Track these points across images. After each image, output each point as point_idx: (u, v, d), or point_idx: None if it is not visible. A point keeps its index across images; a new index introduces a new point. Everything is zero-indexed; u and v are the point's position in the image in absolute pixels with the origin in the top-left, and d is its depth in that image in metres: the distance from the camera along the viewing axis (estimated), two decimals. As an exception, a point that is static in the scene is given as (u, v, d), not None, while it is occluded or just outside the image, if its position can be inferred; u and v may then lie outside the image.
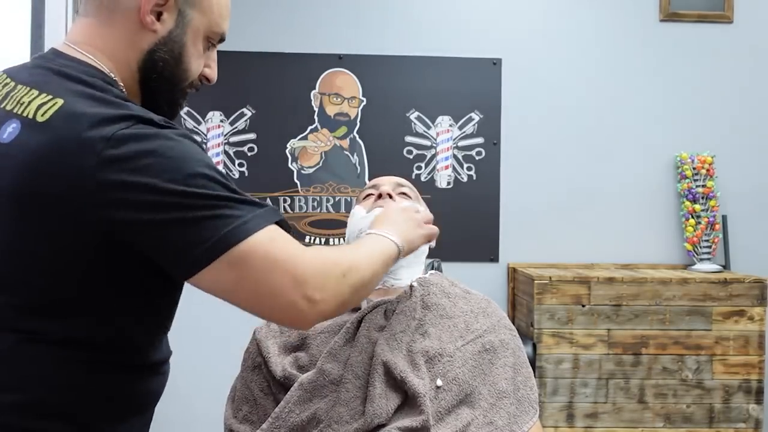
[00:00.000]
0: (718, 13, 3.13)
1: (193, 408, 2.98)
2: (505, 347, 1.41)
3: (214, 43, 1.17)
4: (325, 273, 1.04)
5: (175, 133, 1.00)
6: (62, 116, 0.97)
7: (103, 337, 1.01)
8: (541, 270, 2.90)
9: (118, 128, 0.95)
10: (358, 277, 1.10)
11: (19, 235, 0.97)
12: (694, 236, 3.01)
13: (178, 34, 1.09)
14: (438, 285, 1.50)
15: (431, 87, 3.10)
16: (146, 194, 0.94)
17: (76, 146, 0.94)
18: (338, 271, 1.07)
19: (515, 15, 3.13)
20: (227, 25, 1.17)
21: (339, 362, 1.35)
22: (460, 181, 3.11)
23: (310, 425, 1.30)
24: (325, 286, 1.03)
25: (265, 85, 3.08)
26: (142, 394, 1.10)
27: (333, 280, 1.05)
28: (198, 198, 0.96)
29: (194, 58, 1.13)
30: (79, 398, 1.01)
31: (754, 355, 2.70)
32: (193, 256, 0.96)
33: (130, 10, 1.06)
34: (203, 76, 1.19)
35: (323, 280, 1.03)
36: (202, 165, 0.98)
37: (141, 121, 0.98)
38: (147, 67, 1.09)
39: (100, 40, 1.07)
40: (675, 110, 3.14)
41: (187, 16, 1.09)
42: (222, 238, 0.95)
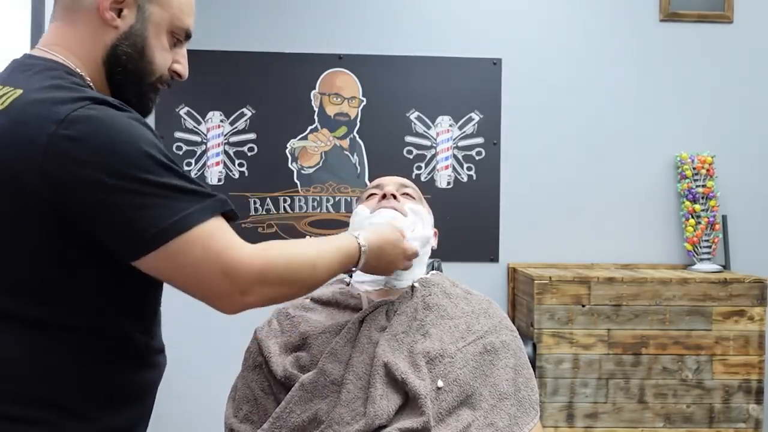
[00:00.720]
0: (718, 13, 3.13)
1: (193, 408, 2.98)
2: (506, 348, 1.41)
3: (180, 39, 1.21)
4: (261, 274, 1.08)
5: (127, 116, 1.04)
6: (20, 103, 1.02)
7: (78, 322, 1.05)
8: (541, 270, 2.90)
9: (70, 109, 0.99)
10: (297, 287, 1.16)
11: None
12: (694, 236, 3.01)
13: (138, 29, 1.14)
14: (439, 285, 1.50)
15: (431, 87, 3.10)
16: (95, 175, 0.98)
17: (29, 128, 0.99)
18: (277, 276, 1.11)
19: (515, 15, 3.13)
20: (191, 21, 1.22)
21: (340, 363, 1.35)
22: (460, 181, 3.11)
23: (311, 426, 1.29)
24: (259, 284, 1.08)
25: (265, 85, 3.08)
26: (130, 384, 1.13)
27: (269, 282, 1.09)
28: (145, 184, 1.00)
29: (158, 51, 1.17)
30: (63, 385, 1.04)
31: (754, 355, 2.70)
32: (135, 243, 1.01)
33: (91, 8, 1.12)
34: (173, 72, 1.22)
35: (256, 277, 1.07)
36: (152, 150, 1.02)
37: (95, 102, 1.02)
38: (111, 61, 1.14)
39: (67, 39, 1.13)
40: (675, 110, 3.14)
41: (146, 11, 1.14)
42: (164, 229, 1.00)
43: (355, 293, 1.49)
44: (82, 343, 1.05)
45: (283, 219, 3.06)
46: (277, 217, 3.06)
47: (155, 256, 1.01)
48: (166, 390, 1.20)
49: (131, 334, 1.12)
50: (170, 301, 1.27)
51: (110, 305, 1.08)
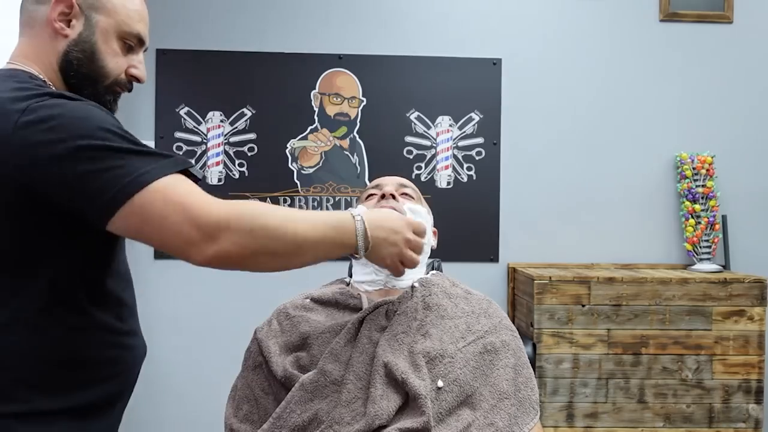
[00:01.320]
0: (718, 13, 3.13)
1: (193, 408, 2.98)
2: (506, 348, 1.41)
3: (132, 45, 1.31)
4: (225, 219, 1.11)
5: (85, 102, 1.17)
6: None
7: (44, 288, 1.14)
8: (541, 270, 2.90)
9: (32, 102, 1.12)
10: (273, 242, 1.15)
11: None
12: (694, 236, 3.02)
13: (87, 36, 1.26)
14: (439, 285, 1.50)
15: (431, 87, 3.10)
16: (56, 149, 1.08)
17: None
18: (243, 223, 1.12)
19: (515, 15, 3.13)
20: (141, 26, 1.31)
21: (340, 363, 1.35)
22: (460, 181, 3.11)
23: (311, 426, 1.29)
24: (224, 230, 1.11)
25: (265, 85, 3.08)
26: (96, 361, 1.20)
27: (233, 229, 1.11)
28: (102, 150, 1.10)
29: (109, 56, 1.28)
30: (25, 360, 1.13)
31: (753, 355, 2.70)
32: (101, 205, 1.10)
33: (44, 21, 1.25)
34: (131, 76, 1.32)
35: (218, 222, 1.11)
36: (107, 124, 1.13)
37: (53, 96, 1.14)
38: (65, 66, 1.26)
39: (28, 50, 1.27)
40: (675, 110, 3.14)
41: (92, 19, 1.26)
42: (125, 186, 1.09)
43: (355, 293, 1.49)
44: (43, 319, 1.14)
45: (283, 219, 3.06)
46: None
47: (121, 215, 1.09)
48: (167, 390, 1.21)
49: (92, 312, 1.20)
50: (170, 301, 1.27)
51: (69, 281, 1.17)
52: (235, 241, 1.11)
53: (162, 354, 2.90)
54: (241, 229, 1.12)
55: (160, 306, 2.95)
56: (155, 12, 2.93)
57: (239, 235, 1.12)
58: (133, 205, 1.09)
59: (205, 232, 1.10)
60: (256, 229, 1.13)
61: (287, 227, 1.16)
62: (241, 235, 1.12)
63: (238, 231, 1.12)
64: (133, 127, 3.01)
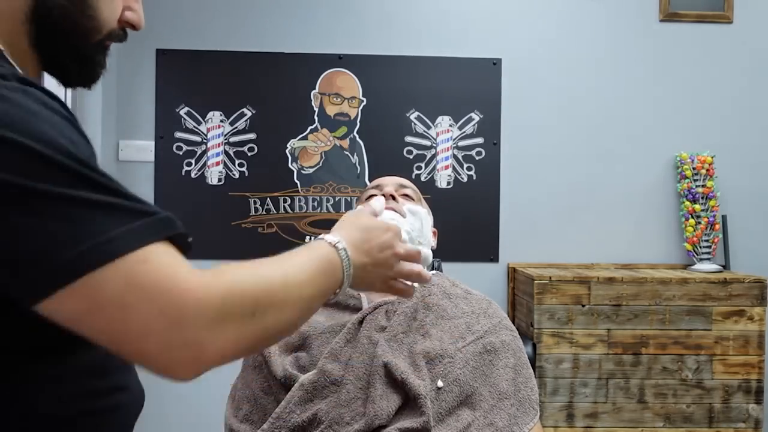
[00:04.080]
0: (718, 13, 3.13)
1: (193, 408, 2.98)
2: (506, 348, 1.41)
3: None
4: (220, 307, 0.75)
5: (33, 101, 0.73)
6: None
7: None
8: (541, 270, 2.90)
9: None
10: (277, 317, 0.82)
11: None
12: (694, 236, 3.01)
13: None
14: (439, 286, 1.50)
15: (431, 87, 3.10)
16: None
17: None
18: (244, 305, 0.78)
19: (515, 15, 3.13)
20: None
21: (340, 363, 1.35)
22: (460, 181, 3.11)
23: (311, 426, 1.30)
24: (218, 324, 0.75)
25: (265, 85, 3.08)
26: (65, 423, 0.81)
27: (234, 317, 0.76)
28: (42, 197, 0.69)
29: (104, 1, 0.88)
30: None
31: (753, 355, 2.70)
32: (33, 280, 0.69)
33: None
34: (126, 22, 0.92)
35: (215, 314, 0.74)
36: (57, 148, 0.70)
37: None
38: (39, 17, 0.84)
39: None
40: (675, 110, 3.14)
41: None
42: (72, 259, 0.69)
43: (355, 293, 1.49)
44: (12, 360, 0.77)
45: (283, 219, 3.06)
46: (277, 217, 3.06)
47: (61, 298, 0.69)
48: (167, 390, 1.20)
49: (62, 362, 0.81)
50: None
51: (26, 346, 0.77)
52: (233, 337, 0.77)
53: (162, 354, 2.89)
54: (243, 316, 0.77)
55: (160, 306, 2.95)
56: (155, 12, 2.94)
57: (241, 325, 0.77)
58: (82, 286, 0.69)
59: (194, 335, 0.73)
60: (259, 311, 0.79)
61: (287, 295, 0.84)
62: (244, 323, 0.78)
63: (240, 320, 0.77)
64: (134, 128, 3.01)
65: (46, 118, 0.73)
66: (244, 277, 0.80)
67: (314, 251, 0.92)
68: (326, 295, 0.93)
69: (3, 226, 0.68)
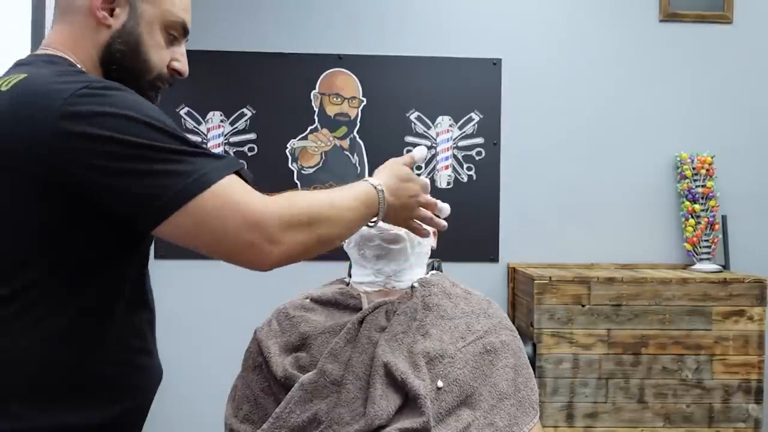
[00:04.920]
0: (718, 14, 3.13)
1: (193, 408, 2.98)
2: (506, 348, 1.41)
3: (176, 36, 1.21)
4: (285, 216, 1.07)
5: (131, 94, 1.06)
6: (23, 83, 1.05)
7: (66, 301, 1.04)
8: (541, 270, 2.90)
9: (75, 88, 1.01)
10: (328, 228, 1.14)
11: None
12: (694, 236, 3.02)
13: (131, 26, 1.16)
14: (439, 285, 1.50)
15: (431, 87, 3.10)
16: (104, 146, 0.99)
17: (34, 105, 1.01)
18: (302, 216, 1.09)
19: (515, 15, 3.13)
20: (186, 16, 1.22)
21: (340, 363, 1.35)
22: (460, 181, 3.11)
23: (311, 426, 1.30)
24: (286, 229, 1.07)
25: (265, 85, 3.08)
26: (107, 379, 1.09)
27: (294, 224, 1.08)
28: (155, 151, 1.01)
29: (153, 49, 1.18)
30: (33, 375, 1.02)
31: (753, 355, 2.70)
32: (153, 208, 1.01)
33: (84, 9, 1.15)
34: (173, 70, 1.22)
35: (282, 222, 1.06)
36: (158, 121, 1.03)
37: (98, 82, 1.05)
38: (106, 60, 1.16)
39: (65, 39, 1.16)
40: (675, 110, 3.14)
41: (138, 8, 1.16)
42: (181, 189, 1.01)
43: (355, 293, 1.49)
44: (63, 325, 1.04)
45: (283, 219, 3.06)
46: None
47: (176, 219, 1.01)
48: (167, 390, 1.20)
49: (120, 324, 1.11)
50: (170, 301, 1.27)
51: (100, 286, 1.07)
52: (295, 239, 1.08)
53: (162, 354, 2.90)
54: (301, 225, 1.09)
55: (159, 306, 2.94)
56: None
57: (300, 232, 1.09)
58: (189, 210, 1.01)
59: (267, 236, 1.05)
60: (314, 221, 1.11)
61: (336, 213, 1.15)
62: (301, 231, 1.09)
63: (299, 228, 1.08)
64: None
65: (145, 103, 1.06)
66: (301, 198, 1.13)
67: (359, 187, 1.25)
68: (365, 221, 1.24)
69: (134, 172, 0.99)
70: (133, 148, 1.00)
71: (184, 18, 1.21)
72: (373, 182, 1.28)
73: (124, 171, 0.99)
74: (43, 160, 0.99)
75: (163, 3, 1.18)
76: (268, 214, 1.05)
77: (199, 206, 1.01)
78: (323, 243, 1.14)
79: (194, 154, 1.04)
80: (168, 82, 1.22)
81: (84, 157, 0.99)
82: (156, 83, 1.20)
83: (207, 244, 1.05)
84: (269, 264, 1.08)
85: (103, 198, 1.01)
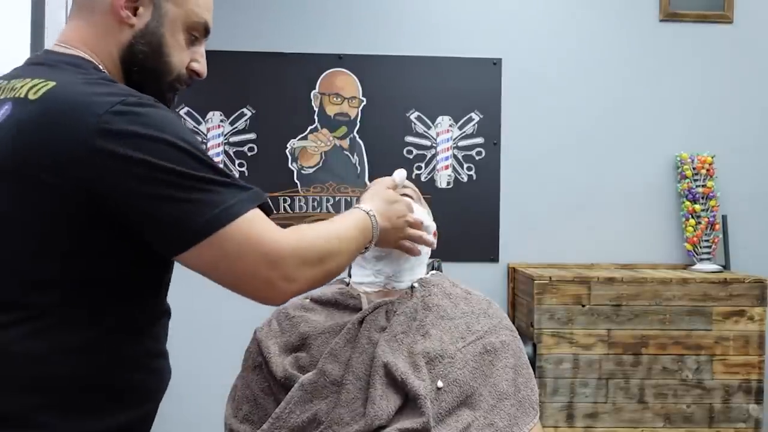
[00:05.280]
0: (718, 13, 3.13)
1: (193, 408, 2.98)
2: (506, 348, 1.41)
3: (197, 36, 1.19)
4: (301, 254, 1.09)
5: (165, 112, 1.05)
6: (55, 93, 1.02)
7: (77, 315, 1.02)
8: (541, 270, 2.90)
9: (109, 104, 0.99)
10: (335, 261, 1.17)
11: (11, 207, 1.00)
12: (694, 236, 3.01)
13: (155, 26, 1.13)
14: (439, 286, 1.50)
15: (431, 87, 3.10)
16: (138, 168, 0.98)
17: (67, 121, 0.98)
18: (315, 253, 1.12)
19: (515, 15, 3.13)
20: (209, 16, 1.20)
21: (340, 363, 1.35)
22: (460, 181, 3.11)
23: (311, 426, 1.29)
24: (300, 266, 1.09)
25: (265, 85, 3.08)
26: (125, 385, 1.09)
27: (309, 261, 1.11)
28: (186, 178, 1.00)
29: (175, 50, 1.16)
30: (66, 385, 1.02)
31: (754, 355, 2.70)
32: (179, 236, 1.01)
33: (107, 7, 1.12)
34: (192, 71, 1.20)
35: (298, 260, 1.08)
36: (190, 146, 1.03)
37: (132, 97, 1.02)
38: (128, 60, 1.13)
39: (85, 37, 1.13)
40: (675, 110, 3.14)
41: (162, 8, 1.13)
42: (208, 221, 1.00)
43: (355, 293, 1.49)
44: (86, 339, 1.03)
45: (283, 219, 3.06)
46: (277, 217, 3.06)
47: (199, 249, 1.01)
48: (167, 390, 1.20)
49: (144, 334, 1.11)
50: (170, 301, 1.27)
51: (123, 301, 1.07)
52: (309, 276, 1.11)
53: (162, 354, 2.89)
54: (313, 262, 1.11)
55: (160, 306, 2.95)
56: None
57: (312, 268, 1.11)
58: (212, 241, 1.01)
59: (283, 273, 1.06)
60: (324, 258, 1.14)
61: (343, 246, 1.19)
62: (314, 267, 1.12)
63: (312, 264, 1.11)
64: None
65: (179, 124, 1.06)
66: (313, 234, 1.15)
67: (355, 216, 1.27)
68: (362, 248, 1.28)
69: (163, 198, 0.99)
70: (165, 173, 0.99)
71: (207, 18, 1.19)
72: (365, 208, 1.30)
73: (154, 196, 0.99)
74: (75, 178, 0.97)
75: (187, 3, 1.16)
76: (287, 252, 1.07)
77: (223, 239, 1.01)
78: (331, 276, 1.18)
79: (223, 184, 1.03)
80: (186, 83, 1.21)
81: (116, 177, 0.98)
82: (175, 84, 1.18)
83: (224, 276, 1.06)
84: (281, 300, 1.11)
85: (129, 219, 1.01)
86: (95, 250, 1.02)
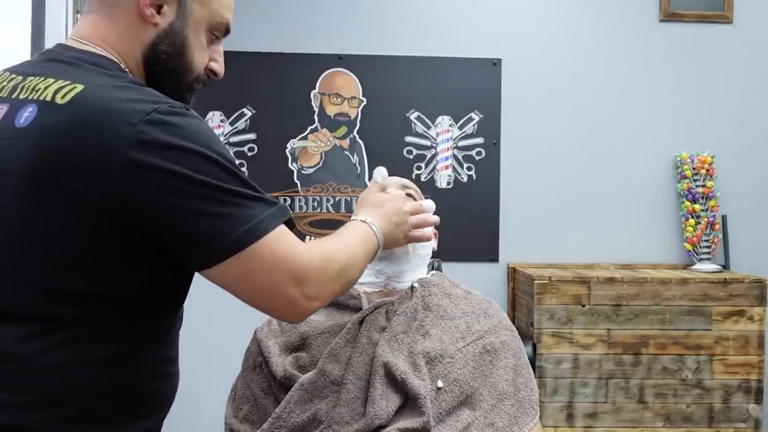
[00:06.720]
0: (718, 13, 3.13)
1: (194, 408, 2.98)
2: (506, 348, 1.41)
3: (218, 36, 1.19)
4: (324, 272, 1.09)
5: (198, 122, 1.02)
6: (84, 99, 0.97)
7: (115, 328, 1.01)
8: (541, 270, 2.90)
9: (143, 112, 0.96)
10: (350, 275, 1.17)
11: (33, 216, 0.97)
12: (694, 236, 3.01)
13: (179, 26, 1.10)
14: (439, 286, 1.50)
15: (431, 87, 3.10)
16: (169, 179, 0.95)
17: (99, 127, 0.95)
18: (335, 270, 1.12)
19: (515, 15, 3.13)
20: (231, 16, 1.19)
21: (340, 363, 1.35)
22: (460, 181, 3.11)
23: (311, 426, 1.30)
24: (323, 284, 1.09)
25: (265, 85, 3.08)
26: (141, 394, 1.07)
27: (329, 278, 1.10)
28: (218, 191, 0.98)
29: (197, 50, 1.14)
30: (87, 397, 0.99)
31: (753, 355, 2.70)
32: (209, 251, 0.99)
33: (130, 4, 1.08)
34: (210, 71, 1.19)
35: (321, 278, 1.08)
36: (222, 158, 1.00)
37: (164, 105, 0.99)
38: (150, 60, 1.10)
39: (105, 34, 1.08)
40: (675, 110, 3.14)
41: (187, 7, 1.10)
42: (239, 236, 0.99)
43: (355, 293, 1.49)
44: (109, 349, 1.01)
45: (283, 219, 3.06)
46: (277, 217, 3.06)
47: (228, 265, 0.99)
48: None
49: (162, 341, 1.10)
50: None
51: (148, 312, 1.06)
52: (328, 292, 1.11)
53: (162, 354, 2.89)
54: (332, 279, 1.11)
55: (160, 306, 2.95)
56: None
57: (332, 284, 1.11)
58: (242, 257, 0.99)
59: (306, 292, 1.06)
60: (342, 275, 1.14)
61: (355, 261, 1.18)
62: (333, 284, 1.12)
63: (331, 282, 1.11)
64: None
65: (212, 134, 1.03)
66: (336, 249, 1.15)
67: (359, 229, 1.26)
68: (371, 256, 1.27)
69: (194, 211, 0.96)
70: (196, 185, 0.96)
71: (229, 18, 1.19)
72: (363, 219, 1.29)
73: (184, 209, 0.97)
74: (104, 187, 0.94)
75: (212, 2, 1.14)
76: (312, 270, 1.06)
77: (252, 255, 1.00)
78: (347, 289, 1.19)
79: (252, 198, 1.02)
80: (204, 83, 1.19)
81: (147, 188, 0.95)
82: (193, 85, 1.17)
83: (247, 292, 1.05)
84: (300, 318, 1.12)
85: (158, 231, 0.98)
86: (122, 262, 0.99)
